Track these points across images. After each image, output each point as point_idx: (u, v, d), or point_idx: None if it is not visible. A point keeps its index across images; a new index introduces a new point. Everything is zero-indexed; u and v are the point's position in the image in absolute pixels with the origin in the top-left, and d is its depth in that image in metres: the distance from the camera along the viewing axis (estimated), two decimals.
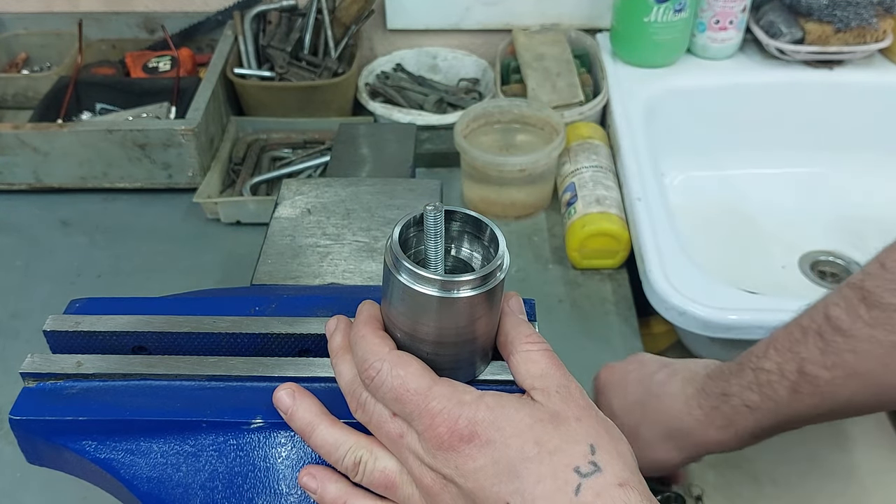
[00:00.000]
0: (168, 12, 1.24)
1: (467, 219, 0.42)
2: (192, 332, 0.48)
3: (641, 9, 1.06)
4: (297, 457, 0.45)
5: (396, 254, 0.38)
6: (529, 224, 1.00)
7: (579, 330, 0.88)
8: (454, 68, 1.23)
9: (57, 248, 0.99)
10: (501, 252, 0.40)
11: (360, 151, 0.86)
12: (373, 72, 1.20)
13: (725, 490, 1.04)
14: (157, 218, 1.02)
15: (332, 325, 0.45)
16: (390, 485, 0.42)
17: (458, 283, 0.38)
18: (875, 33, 1.08)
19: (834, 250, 1.03)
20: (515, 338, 0.42)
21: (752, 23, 1.13)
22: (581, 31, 1.19)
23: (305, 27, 1.13)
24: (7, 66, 1.24)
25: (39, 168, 1.02)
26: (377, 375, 0.40)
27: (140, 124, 1.00)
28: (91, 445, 0.45)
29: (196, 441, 0.45)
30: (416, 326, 0.40)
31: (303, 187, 0.74)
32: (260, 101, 1.12)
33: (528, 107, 1.01)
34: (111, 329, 0.48)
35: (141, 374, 0.47)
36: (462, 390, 0.39)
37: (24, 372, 0.47)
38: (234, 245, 0.97)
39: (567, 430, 0.38)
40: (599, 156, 0.99)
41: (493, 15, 1.20)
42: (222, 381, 0.47)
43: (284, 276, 0.64)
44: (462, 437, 0.38)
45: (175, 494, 0.45)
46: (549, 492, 0.36)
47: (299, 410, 0.43)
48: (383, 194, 0.73)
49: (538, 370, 0.41)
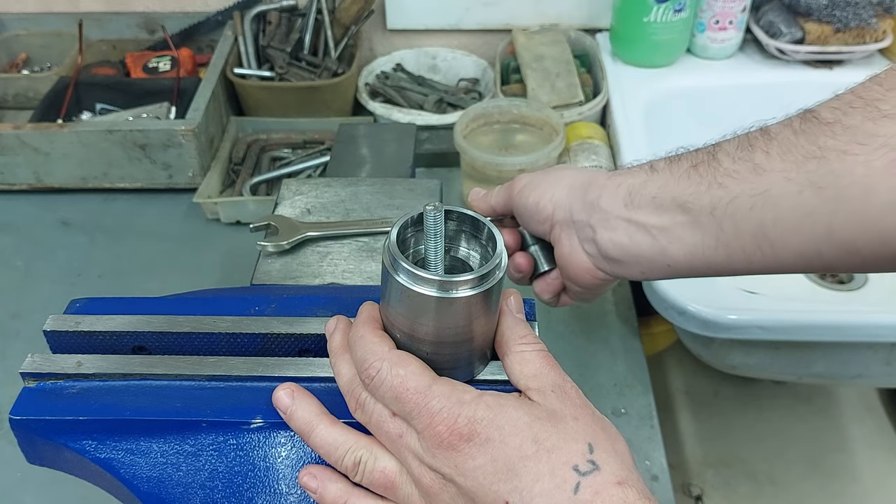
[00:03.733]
0: (168, 12, 1.24)
1: (465, 218, 0.42)
2: (192, 332, 0.48)
3: (641, 9, 1.06)
4: (297, 457, 0.45)
5: (394, 254, 0.39)
6: None
7: (579, 330, 0.88)
8: (454, 68, 1.23)
9: (57, 248, 0.99)
10: (499, 251, 0.40)
11: (359, 151, 0.86)
12: (373, 72, 1.20)
13: (724, 490, 1.05)
14: (157, 218, 1.03)
15: (332, 325, 0.45)
16: (390, 485, 0.42)
17: (456, 283, 0.38)
18: (874, 33, 1.08)
19: None
20: (510, 338, 0.42)
21: (752, 23, 1.13)
22: (581, 31, 1.19)
23: (305, 27, 1.13)
24: (7, 67, 1.24)
25: (40, 168, 1.02)
26: (377, 375, 0.40)
27: (140, 124, 1.00)
28: (91, 445, 0.46)
29: (196, 441, 0.45)
30: (414, 326, 0.40)
31: (303, 187, 0.74)
32: (260, 101, 1.12)
33: (527, 107, 1.01)
34: (111, 329, 0.49)
35: (141, 374, 0.47)
36: (461, 389, 0.40)
37: (24, 372, 0.47)
38: (234, 245, 0.97)
39: (565, 429, 0.38)
40: (599, 156, 0.99)
41: (492, 15, 1.20)
42: (222, 381, 0.47)
43: (284, 276, 0.65)
44: (461, 435, 0.38)
45: (175, 494, 0.45)
46: (547, 490, 0.36)
47: (298, 410, 0.43)
48: (383, 194, 0.73)
49: (532, 370, 0.41)
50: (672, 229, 0.51)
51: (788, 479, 1.28)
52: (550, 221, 0.59)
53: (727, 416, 1.39)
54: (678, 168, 0.52)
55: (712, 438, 1.36)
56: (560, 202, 0.59)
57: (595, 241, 0.56)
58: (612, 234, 0.55)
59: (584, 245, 0.58)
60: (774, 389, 1.42)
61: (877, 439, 1.36)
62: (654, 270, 0.55)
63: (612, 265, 0.57)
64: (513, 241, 0.65)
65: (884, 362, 0.86)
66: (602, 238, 0.55)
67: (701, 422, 1.39)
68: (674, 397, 1.43)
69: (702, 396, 1.42)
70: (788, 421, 1.37)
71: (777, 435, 1.34)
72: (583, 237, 0.57)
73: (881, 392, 1.43)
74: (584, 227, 0.57)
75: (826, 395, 1.43)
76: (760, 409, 1.40)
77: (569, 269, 0.60)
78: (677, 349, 1.34)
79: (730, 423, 1.38)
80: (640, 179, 0.54)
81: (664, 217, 0.52)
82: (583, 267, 0.59)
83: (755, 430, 1.36)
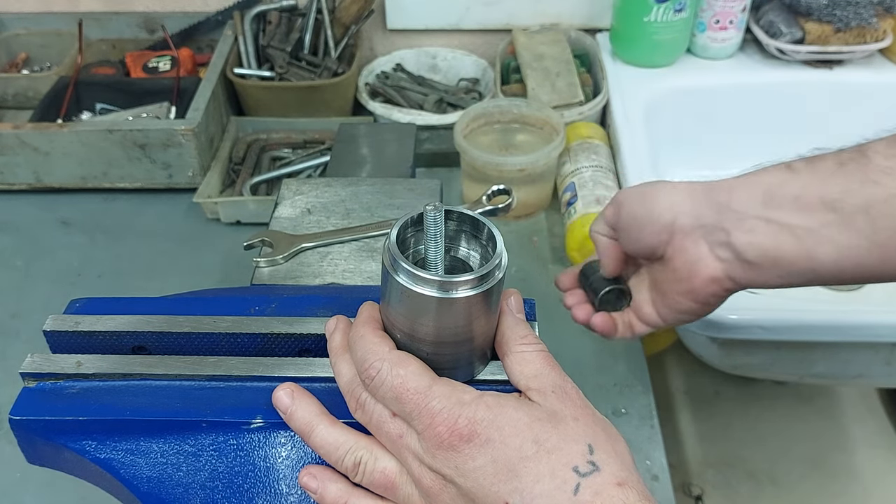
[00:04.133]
0: (168, 12, 1.24)
1: (465, 218, 0.42)
2: (192, 332, 0.48)
3: (641, 9, 1.06)
4: (297, 457, 0.45)
5: (394, 254, 0.38)
6: (529, 224, 1.00)
7: (579, 330, 0.87)
8: (454, 68, 1.23)
9: (57, 248, 0.99)
10: (499, 251, 0.40)
11: (359, 151, 0.86)
12: (373, 72, 1.20)
13: (725, 490, 1.05)
14: (157, 218, 1.02)
15: (332, 325, 0.45)
16: (390, 485, 0.42)
17: (456, 283, 0.38)
18: (875, 33, 1.08)
19: None
20: (511, 338, 0.42)
21: (752, 23, 1.13)
22: (581, 30, 1.19)
23: (305, 27, 1.13)
24: (7, 66, 1.24)
25: (39, 168, 1.02)
26: (377, 375, 0.40)
27: (140, 124, 1.00)
28: (91, 445, 0.45)
29: (196, 441, 0.45)
30: (414, 327, 0.40)
31: (303, 187, 0.74)
32: (260, 101, 1.12)
33: (527, 107, 1.01)
34: (111, 329, 0.48)
35: (141, 374, 0.47)
36: (462, 390, 0.40)
37: (24, 372, 0.47)
38: (234, 245, 0.97)
39: (565, 430, 0.38)
40: (599, 155, 0.99)
41: (492, 15, 1.20)
42: (222, 381, 0.47)
43: (284, 276, 0.65)
44: (462, 436, 0.38)
45: (175, 494, 0.45)
46: (547, 491, 0.36)
47: (298, 410, 0.43)
48: (383, 194, 0.73)
49: (532, 370, 0.41)
50: (820, 230, 0.49)
51: (789, 479, 1.28)
52: (670, 230, 0.55)
53: (727, 416, 1.39)
54: (822, 166, 0.49)
55: (712, 438, 1.36)
56: (681, 207, 0.55)
57: (730, 244, 0.52)
58: (751, 236, 0.51)
59: (715, 251, 0.54)
60: (775, 389, 1.42)
61: (877, 439, 1.36)
62: (794, 275, 0.51)
63: (748, 271, 0.53)
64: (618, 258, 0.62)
65: (884, 362, 0.86)
66: (739, 241, 0.52)
67: (701, 422, 1.39)
68: (674, 397, 1.43)
69: (702, 396, 1.42)
70: (789, 421, 1.37)
71: (778, 435, 1.34)
72: (714, 242, 0.54)
73: (882, 392, 1.43)
74: (716, 230, 0.53)
75: (827, 395, 1.43)
76: (761, 409, 1.40)
77: (692, 281, 0.56)
78: (677, 349, 1.34)
79: (730, 423, 1.38)
80: (778, 179, 0.51)
81: (810, 217, 0.49)
82: (710, 276, 0.55)
83: (756, 430, 1.36)
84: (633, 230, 0.58)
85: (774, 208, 0.50)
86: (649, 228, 0.56)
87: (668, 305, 0.60)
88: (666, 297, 0.60)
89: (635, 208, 0.57)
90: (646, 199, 0.57)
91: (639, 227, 0.57)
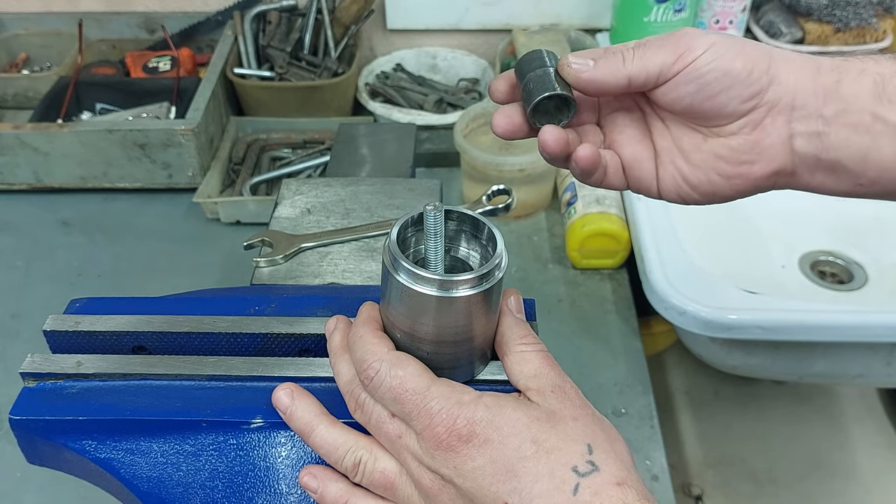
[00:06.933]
0: (168, 12, 1.24)
1: (465, 218, 0.42)
2: (192, 332, 0.48)
3: (641, 9, 1.06)
4: (297, 456, 0.45)
5: (394, 254, 0.38)
6: (529, 224, 1.01)
7: (579, 329, 0.88)
8: (454, 68, 1.23)
9: (57, 248, 0.99)
10: (500, 251, 0.40)
11: (359, 151, 0.86)
12: (373, 72, 1.20)
13: (725, 489, 1.05)
14: (157, 218, 1.03)
15: (332, 325, 0.45)
16: (390, 485, 0.42)
17: (456, 282, 0.38)
18: (875, 33, 1.08)
19: (834, 250, 1.03)
20: (510, 338, 0.42)
21: (752, 23, 1.13)
22: (581, 30, 1.19)
23: (305, 27, 1.13)
24: (7, 66, 1.24)
25: (39, 168, 1.02)
26: (376, 375, 0.40)
27: (140, 124, 1.00)
28: (91, 445, 0.45)
29: (196, 441, 0.45)
30: (414, 326, 0.40)
31: (302, 187, 0.74)
32: (260, 101, 1.12)
33: None
34: (111, 329, 0.48)
35: (141, 374, 0.47)
36: (461, 390, 0.40)
37: (24, 372, 0.47)
38: (234, 245, 0.97)
39: (564, 430, 0.38)
40: None
41: (492, 15, 1.20)
42: (222, 381, 0.47)
43: (284, 276, 0.65)
44: (460, 436, 0.38)
45: (175, 494, 0.45)
46: (546, 491, 0.36)
47: (298, 410, 0.43)
48: (383, 194, 0.73)
49: (531, 370, 0.41)
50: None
51: (789, 478, 1.28)
52: (758, 99, 0.44)
53: (727, 416, 1.39)
54: None
55: (712, 438, 1.36)
56: (782, 77, 0.43)
57: (821, 137, 0.43)
58: (854, 135, 0.42)
59: (795, 141, 0.44)
60: (775, 389, 1.42)
61: (877, 439, 1.36)
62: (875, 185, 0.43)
63: (822, 174, 0.44)
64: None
65: (884, 362, 0.86)
66: (836, 136, 0.43)
67: (701, 422, 1.39)
68: (674, 397, 1.43)
69: (702, 396, 1.42)
70: (789, 421, 1.37)
71: (777, 435, 1.34)
72: (801, 130, 0.44)
73: (881, 392, 1.43)
74: (812, 117, 0.43)
75: (826, 395, 1.43)
76: (761, 409, 1.40)
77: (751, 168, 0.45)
78: (677, 349, 1.34)
79: (730, 423, 1.38)
80: (890, 69, 0.42)
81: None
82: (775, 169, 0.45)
83: (755, 430, 1.36)
84: (712, 86, 0.44)
85: (886, 103, 0.42)
86: (736, 91, 0.44)
87: (688, 178, 0.48)
88: (697, 169, 0.48)
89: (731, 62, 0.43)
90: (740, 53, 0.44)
91: (727, 84, 0.44)
